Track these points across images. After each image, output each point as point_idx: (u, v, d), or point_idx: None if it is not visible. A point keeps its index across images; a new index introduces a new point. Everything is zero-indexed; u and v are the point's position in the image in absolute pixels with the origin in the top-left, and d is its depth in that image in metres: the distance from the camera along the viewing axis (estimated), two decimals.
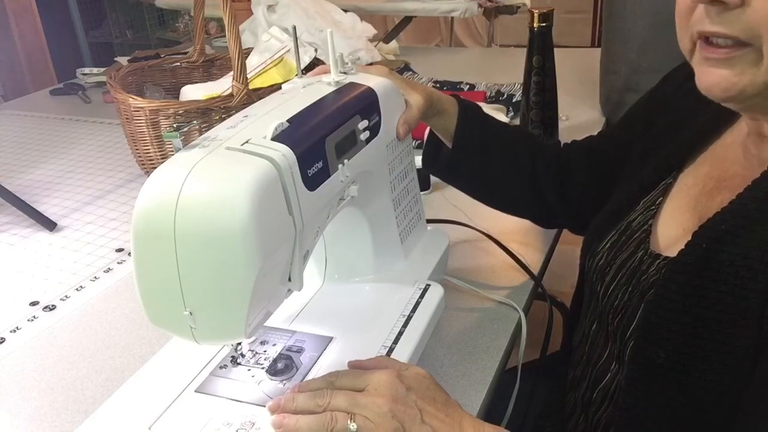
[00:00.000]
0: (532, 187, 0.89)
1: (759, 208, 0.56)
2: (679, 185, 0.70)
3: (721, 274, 0.56)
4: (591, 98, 1.50)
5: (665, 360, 0.59)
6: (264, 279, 0.54)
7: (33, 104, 1.84)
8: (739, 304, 0.54)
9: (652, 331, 0.60)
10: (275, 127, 0.56)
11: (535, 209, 0.93)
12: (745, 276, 0.54)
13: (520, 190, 0.90)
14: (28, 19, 2.81)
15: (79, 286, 0.96)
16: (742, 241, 0.56)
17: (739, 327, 0.54)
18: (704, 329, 0.56)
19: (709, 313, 0.56)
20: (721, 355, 0.55)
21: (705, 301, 0.56)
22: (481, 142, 0.86)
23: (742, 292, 0.54)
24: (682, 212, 0.67)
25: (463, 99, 0.88)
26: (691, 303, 0.57)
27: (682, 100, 0.75)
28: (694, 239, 0.59)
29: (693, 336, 0.57)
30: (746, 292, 0.54)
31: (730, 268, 0.55)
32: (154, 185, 0.52)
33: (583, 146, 0.92)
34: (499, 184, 0.90)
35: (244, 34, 1.74)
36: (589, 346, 0.75)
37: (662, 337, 0.59)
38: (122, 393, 0.65)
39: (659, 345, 0.59)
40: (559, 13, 1.25)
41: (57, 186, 1.30)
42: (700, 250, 0.58)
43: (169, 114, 1.16)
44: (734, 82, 0.55)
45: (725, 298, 0.55)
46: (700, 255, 0.58)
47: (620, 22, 1.36)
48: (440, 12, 2.28)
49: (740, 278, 0.55)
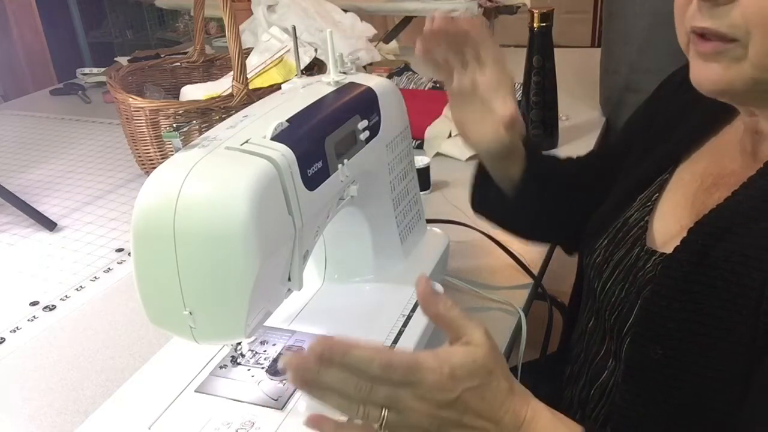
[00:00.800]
0: (578, 211, 0.84)
1: (754, 206, 0.57)
2: (677, 181, 0.70)
3: (717, 270, 0.56)
4: (591, 98, 1.50)
5: (662, 356, 0.59)
6: (264, 279, 0.54)
7: (33, 104, 1.84)
8: (735, 300, 0.55)
9: (648, 328, 0.60)
10: (275, 126, 0.57)
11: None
12: (740, 272, 0.55)
13: (570, 220, 0.85)
14: (28, 19, 2.81)
15: (79, 286, 0.96)
16: (738, 238, 0.56)
17: (735, 323, 0.54)
18: (700, 325, 0.56)
19: (705, 309, 0.56)
20: (718, 351, 0.55)
21: (701, 297, 0.57)
22: (545, 186, 0.83)
23: (738, 289, 0.55)
24: (680, 209, 0.67)
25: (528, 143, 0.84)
26: (686, 299, 0.57)
27: (678, 99, 0.76)
28: (690, 236, 0.59)
29: (689, 332, 0.57)
30: (742, 288, 0.54)
31: (726, 265, 0.56)
32: (154, 185, 0.52)
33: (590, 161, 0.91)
34: (555, 221, 0.87)
35: (244, 34, 1.74)
36: (586, 343, 0.75)
37: (658, 333, 0.59)
38: (122, 393, 0.65)
39: (656, 341, 0.59)
40: (559, 13, 1.25)
41: (57, 186, 1.30)
42: (695, 246, 0.58)
43: (169, 114, 1.16)
44: (722, 76, 0.56)
45: (721, 294, 0.55)
46: (695, 251, 0.58)
47: (620, 22, 1.36)
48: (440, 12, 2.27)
49: (736, 274, 0.55)
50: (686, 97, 0.73)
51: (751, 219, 0.56)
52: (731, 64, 0.55)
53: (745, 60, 0.54)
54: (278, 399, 0.62)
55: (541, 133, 1.28)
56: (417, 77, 1.70)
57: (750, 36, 0.53)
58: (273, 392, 0.63)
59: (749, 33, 0.53)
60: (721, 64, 0.56)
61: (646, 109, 0.83)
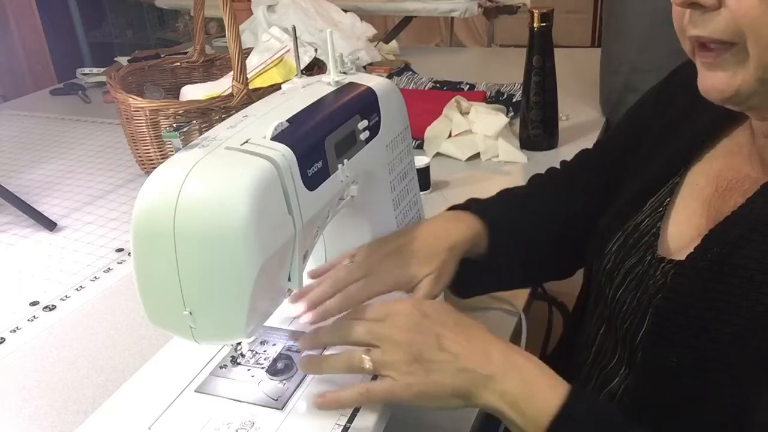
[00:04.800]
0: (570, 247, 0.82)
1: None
2: (690, 185, 0.69)
3: (735, 278, 0.55)
4: (591, 98, 1.50)
5: (677, 364, 0.58)
6: (264, 279, 0.54)
7: (33, 104, 1.84)
8: (754, 308, 0.54)
9: (662, 336, 0.59)
10: (275, 126, 0.56)
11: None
12: (760, 280, 0.54)
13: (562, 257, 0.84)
14: (28, 19, 2.81)
15: (79, 286, 0.96)
16: (757, 245, 0.55)
17: (753, 330, 0.54)
18: (718, 333, 0.56)
19: (723, 317, 0.55)
20: (735, 358, 0.55)
21: (719, 304, 0.56)
22: (516, 241, 0.79)
23: (758, 296, 0.54)
24: (697, 216, 0.66)
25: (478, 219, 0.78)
26: (703, 307, 0.57)
27: (687, 96, 0.74)
28: (705, 243, 0.59)
29: (707, 340, 0.56)
30: (762, 296, 0.54)
31: (745, 272, 0.55)
32: (154, 185, 0.52)
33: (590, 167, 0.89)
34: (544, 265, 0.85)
35: (244, 34, 1.74)
36: (596, 349, 0.74)
37: (674, 341, 0.58)
38: (122, 393, 0.65)
39: (671, 349, 0.58)
40: (559, 13, 1.25)
41: (57, 186, 1.30)
42: (712, 254, 0.57)
43: (169, 114, 1.16)
44: (729, 84, 0.56)
45: (740, 302, 0.55)
46: (713, 259, 0.57)
47: (620, 22, 1.36)
48: (440, 12, 2.27)
49: (755, 282, 0.54)
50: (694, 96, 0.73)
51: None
52: (737, 70, 0.55)
53: (748, 61, 0.54)
54: (278, 399, 0.62)
55: (541, 133, 1.28)
56: (417, 77, 1.70)
57: (746, 36, 0.53)
58: (273, 392, 0.63)
59: (744, 33, 0.53)
60: (726, 72, 0.55)
61: (654, 102, 0.81)
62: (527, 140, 1.29)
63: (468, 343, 0.56)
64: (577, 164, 0.91)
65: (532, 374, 0.56)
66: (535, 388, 0.55)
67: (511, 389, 0.55)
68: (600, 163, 0.87)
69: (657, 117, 0.78)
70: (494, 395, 0.55)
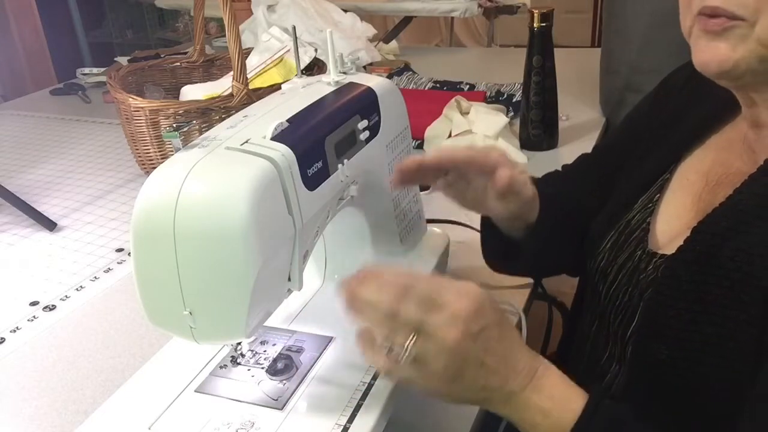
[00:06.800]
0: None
1: (759, 204, 0.57)
2: (681, 180, 0.70)
3: (723, 269, 0.56)
4: (591, 98, 1.50)
5: (667, 357, 0.58)
6: (264, 279, 0.54)
7: (33, 104, 1.84)
8: (742, 299, 0.54)
9: (653, 329, 0.60)
10: (275, 127, 0.57)
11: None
12: (748, 272, 0.54)
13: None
14: (28, 19, 2.80)
15: (79, 286, 0.96)
16: (744, 236, 0.56)
17: (742, 322, 0.54)
18: (707, 325, 0.56)
19: (712, 309, 0.56)
20: (725, 350, 0.55)
21: (707, 296, 0.56)
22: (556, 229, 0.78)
23: (746, 288, 0.54)
24: (687, 210, 0.67)
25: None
26: (692, 299, 0.57)
27: (679, 98, 0.75)
28: (693, 235, 0.59)
29: (696, 332, 0.57)
30: (750, 288, 0.54)
31: (732, 264, 0.55)
32: (154, 185, 0.52)
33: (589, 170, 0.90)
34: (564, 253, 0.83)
35: (244, 34, 1.74)
36: (590, 346, 0.75)
37: (664, 334, 0.59)
38: (122, 393, 0.65)
39: (661, 342, 0.59)
40: (559, 13, 1.25)
41: (57, 186, 1.30)
42: (700, 246, 0.58)
43: (169, 114, 1.16)
44: (729, 56, 0.56)
45: (728, 293, 0.55)
46: (701, 251, 0.58)
47: (620, 22, 1.36)
48: (440, 12, 2.28)
49: (743, 273, 0.55)
50: (687, 96, 0.73)
51: (756, 217, 0.56)
52: (738, 43, 0.56)
53: (751, 37, 0.55)
54: (278, 399, 0.62)
55: (541, 133, 1.28)
56: (417, 77, 1.70)
57: (759, 14, 0.54)
58: (273, 392, 0.63)
59: (758, 12, 0.54)
60: (728, 43, 0.56)
61: (649, 108, 0.82)
62: (527, 140, 1.29)
63: (505, 369, 0.54)
64: (577, 167, 0.92)
65: (554, 390, 0.55)
66: (553, 402, 0.54)
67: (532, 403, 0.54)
68: (598, 167, 0.88)
69: (651, 122, 0.80)
70: (511, 409, 0.55)
